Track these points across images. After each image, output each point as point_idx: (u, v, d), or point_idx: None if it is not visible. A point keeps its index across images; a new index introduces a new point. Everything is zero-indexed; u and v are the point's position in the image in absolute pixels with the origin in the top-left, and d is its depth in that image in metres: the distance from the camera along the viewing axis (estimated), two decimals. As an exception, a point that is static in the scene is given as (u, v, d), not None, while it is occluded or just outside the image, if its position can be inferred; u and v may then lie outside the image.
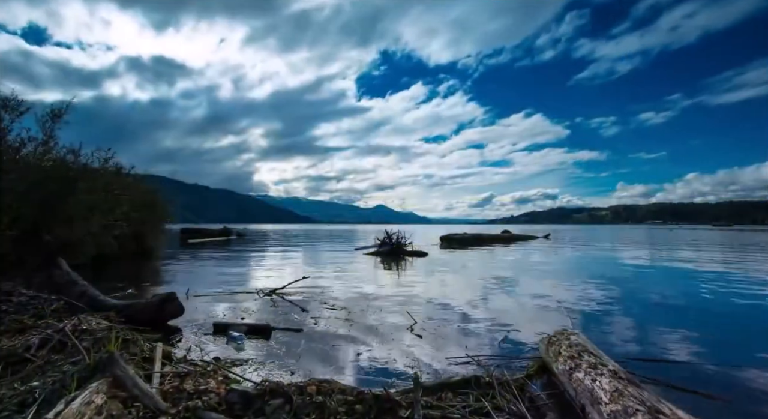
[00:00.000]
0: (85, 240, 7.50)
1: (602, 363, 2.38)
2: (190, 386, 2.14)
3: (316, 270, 9.29)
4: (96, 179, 8.22)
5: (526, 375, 2.80)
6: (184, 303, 5.27)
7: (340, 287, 6.71)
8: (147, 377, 2.34)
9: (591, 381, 2.20)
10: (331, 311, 4.88)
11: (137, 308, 3.85)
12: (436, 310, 5.05)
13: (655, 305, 5.51)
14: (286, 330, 3.97)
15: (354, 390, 2.18)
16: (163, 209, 13.86)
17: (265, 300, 5.58)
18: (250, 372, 2.84)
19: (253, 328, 3.87)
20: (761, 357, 3.37)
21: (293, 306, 5.18)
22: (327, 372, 2.91)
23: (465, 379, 2.38)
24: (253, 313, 4.78)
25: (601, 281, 7.74)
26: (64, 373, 1.87)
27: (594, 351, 2.60)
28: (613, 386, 2.04)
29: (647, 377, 2.86)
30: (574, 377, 2.37)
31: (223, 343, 3.56)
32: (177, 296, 4.02)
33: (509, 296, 6.14)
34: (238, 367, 2.92)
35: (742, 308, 5.40)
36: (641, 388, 2.09)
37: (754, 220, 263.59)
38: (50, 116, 8.68)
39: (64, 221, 7.19)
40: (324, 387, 2.19)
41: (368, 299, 5.67)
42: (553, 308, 5.19)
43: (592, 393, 2.13)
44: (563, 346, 2.74)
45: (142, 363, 2.49)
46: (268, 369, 2.93)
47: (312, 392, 2.12)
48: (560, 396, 2.53)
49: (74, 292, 3.83)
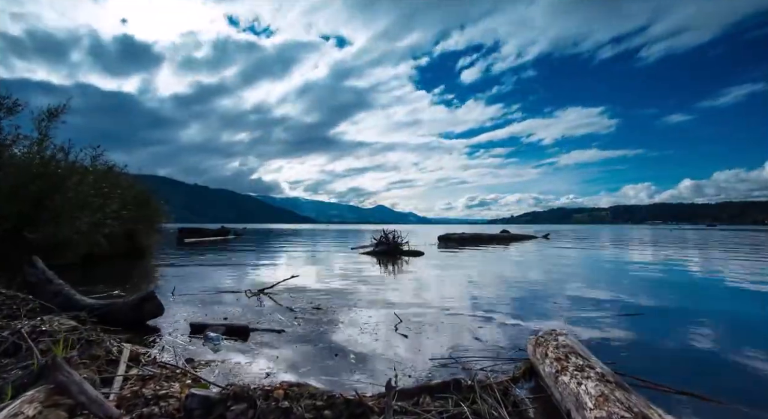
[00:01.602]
0: (73, 239, 7.36)
1: (590, 366, 2.25)
2: (150, 390, 2.01)
3: (309, 270, 9.16)
4: (85, 177, 8.08)
5: (511, 378, 2.67)
6: (169, 303, 5.15)
7: (331, 287, 6.58)
8: (107, 381, 2.21)
9: (576, 384, 2.07)
10: (316, 311, 4.74)
11: (114, 308, 3.72)
12: (424, 310, 4.92)
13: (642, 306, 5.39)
14: (267, 330, 3.83)
15: (324, 394, 2.05)
16: (157, 208, 13.71)
17: (252, 300, 5.45)
18: (221, 375, 2.71)
19: (232, 329, 3.74)
20: (759, 355, 3.24)
21: (279, 306, 5.05)
22: (303, 374, 2.78)
23: (444, 382, 2.25)
24: (237, 313, 4.65)
25: (600, 280, 7.61)
26: (4, 380, 1.74)
27: (582, 353, 2.47)
28: (599, 390, 1.91)
29: (640, 379, 2.73)
30: (560, 380, 2.24)
31: (200, 344, 3.43)
32: (156, 296, 3.89)
33: (501, 295, 6.01)
34: (210, 369, 2.79)
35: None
36: (630, 392, 1.96)
37: (755, 220, 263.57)
38: (46, 115, 8.58)
39: (52, 219, 7.06)
40: (293, 391, 2.06)
41: (357, 299, 5.54)
42: (547, 308, 5.06)
43: (577, 397, 2.00)
44: (550, 347, 2.61)
45: (106, 365, 2.36)
46: (242, 372, 2.79)
47: (279, 396, 1.99)
48: (547, 400, 2.40)
49: (48, 291, 3.70)
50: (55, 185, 6.95)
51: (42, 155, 7.75)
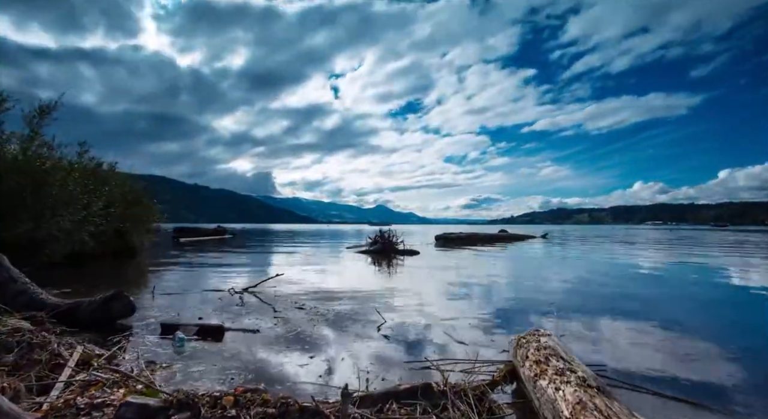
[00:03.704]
0: (55, 237, 7.19)
1: (571, 369, 2.08)
2: (87, 398, 1.84)
3: (299, 269, 8.98)
4: (69, 173, 7.90)
5: (491, 382, 2.50)
6: (149, 302, 4.98)
7: (318, 286, 6.40)
8: (48, 388, 2.04)
9: (554, 390, 1.90)
10: (298, 311, 4.57)
11: (79, 308, 3.55)
12: (411, 310, 4.74)
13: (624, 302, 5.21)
14: (241, 330, 3.66)
15: (279, 401, 1.88)
16: (149, 207, 13.50)
17: (235, 299, 5.27)
18: (180, 379, 2.53)
19: (205, 329, 3.57)
20: (755, 360, 3.07)
21: (261, 305, 4.88)
22: (270, 378, 2.61)
23: (413, 387, 2.08)
24: (216, 312, 4.47)
25: (594, 279, 7.43)
26: None
27: (564, 355, 2.29)
28: (577, 397, 1.74)
29: (629, 383, 2.56)
30: (538, 385, 2.07)
31: (168, 345, 3.25)
32: (125, 294, 3.71)
33: (490, 294, 5.83)
34: (169, 373, 2.62)
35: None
36: (612, 399, 1.79)
37: (755, 220, 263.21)
38: (37, 112, 8.39)
39: (32, 216, 6.88)
40: (245, 398, 1.89)
41: (342, 298, 5.37)
42: (538, 308, 4.89)
43: (554, 404, 1.83)
44: (531, 349, 2.44)
45: (50, 370, 2.19)
46: (204, 375, 2.62)
47: (228, 403, 1.82)
48: (526, 406, 2.23)
49: (11, 291, 3.52)
50: (36, 181, 6.78)
51: (25, 151, 7.58)
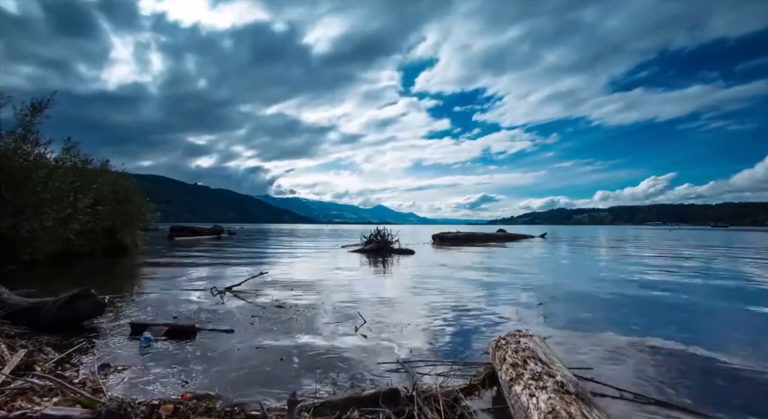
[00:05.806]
0: (36, 235, 7.01)
1: (549, 373, 1.91)
2: (3, 411, 1.67)
3: (289, 267, 8.82)
4: (54, 170, 7.74)
5: (466, 387, 2.33)
6: (127, 301, 4.82)
7: (303, 285, 6.23)
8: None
9: (528, 396, 1.73)
10: (277, 310, 4.40)
11: (43, 308, 3.38)
12: (393, 309, 4.58)
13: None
14: (215, 330, 3.49)
15: (225, 409, 1.71)
16: (141, 205, 13.32)
17: (216, 298, 5.10)
18: (134, 384, 2.36)
19: (177, 329, 3.40)
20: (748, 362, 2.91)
21: (241, 304, 4.71)
22: (231, 381, 2.44)
23: (375, 394, 1.91)
24: (192, 311, 4.31)
25: (585, 277, 7.27)
26: None
27: (544, 358, 2.12)
28: (550, 405, 1.57)
29: (616, 387, 2.39)
30: (513, 390, 1.90)
31: (134, 346, 3.09)
32: (92, 293, 3.54)
33: (478, 295, 5.67)
34: (123, 377, 2.45)
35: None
36: (592, 406, 1.62)
37: (755, 221, 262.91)
38: (30, 109, 8.20)
39: (13, 213, 6.71)
40: (188, 406, 1.72)
41: (325, 297, 5.20)
42: (530, 307, 4.73)
43: (526, 412, 1.66)
44: (509, 351, 2.27)
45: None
46: (159, 379, 2.45)
47: (166, 412, 1.65)
48: (503, 413, 2.06)
49: (-28, 289, 3.37)
50: (16, 177, 6.61)
51: (7, 148, 7.41)
